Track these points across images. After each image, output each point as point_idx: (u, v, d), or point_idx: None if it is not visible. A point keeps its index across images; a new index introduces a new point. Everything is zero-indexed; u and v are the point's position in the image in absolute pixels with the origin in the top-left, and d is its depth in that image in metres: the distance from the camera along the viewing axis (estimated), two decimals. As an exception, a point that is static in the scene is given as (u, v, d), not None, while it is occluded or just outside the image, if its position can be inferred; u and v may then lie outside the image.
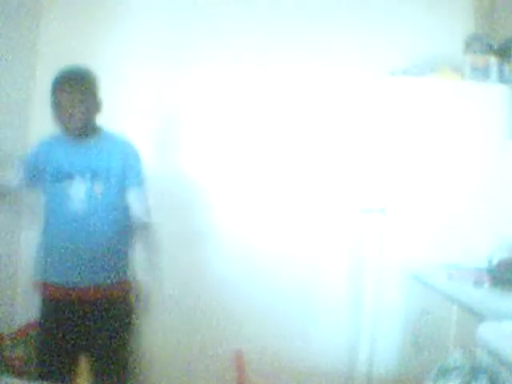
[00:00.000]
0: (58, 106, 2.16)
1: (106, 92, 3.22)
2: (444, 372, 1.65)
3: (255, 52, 3.23)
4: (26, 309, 3.18)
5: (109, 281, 2.21)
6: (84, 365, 2.27)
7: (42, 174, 2.23)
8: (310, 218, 3.25)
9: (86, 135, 2.22)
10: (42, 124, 3.23)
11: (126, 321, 2.26)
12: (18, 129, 3.17)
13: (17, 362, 2.95)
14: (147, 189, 2.30)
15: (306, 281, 3.22)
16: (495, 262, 2.51)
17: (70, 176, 2.18)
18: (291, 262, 3.22)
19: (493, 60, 2.85)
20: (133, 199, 2.26)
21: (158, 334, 3.11)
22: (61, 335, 2.19)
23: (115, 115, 3.24)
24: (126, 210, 2.25)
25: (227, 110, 3.25)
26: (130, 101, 3.25)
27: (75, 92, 2.15)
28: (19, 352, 2.97)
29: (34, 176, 2.24)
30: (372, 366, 2.85)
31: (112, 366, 2.21)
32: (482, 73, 2.84)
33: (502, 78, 2.83)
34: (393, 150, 2.86)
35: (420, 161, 2.83)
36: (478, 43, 2.93)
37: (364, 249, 2.94)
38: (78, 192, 2.17)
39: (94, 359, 2.24)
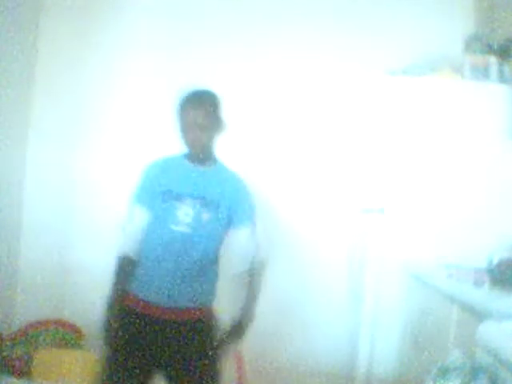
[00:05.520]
0: (185, 126, 2.17)
1: (105, 92, 3.27)
2: (444, 372, 1.65)
3: (254, 50, 3.23)
4: (26, 309, 3.20)
5: (195, 305, 2.20)
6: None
7: (155, 192, 2.20)
8: (310, 218, 3.26)
9: (205, 160, 2.23)
10: (41, 124, 3.27)
11: (205, 347, 2.22)
12: (17, 129, 3.18)
13: (17, 362, 2.95)
14: (259, 225, 2.28)
15: (306, 280, 3.23)
16: (495, 261, 2.50)
17: (180, 198, 2.16)
18: (291, 262, 3.22)
19: (493, 60, 2.85)
20: (245, 238, 2.25)
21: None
22: (137, 348, 2.15)
23: (113, 117, 3.27)
24: (223, 241, 2.25)
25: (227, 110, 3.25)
26: (129, 101, 3.26)
27: (205, 114, 2.16)
28: (19, 352, 2.97)
29: (147, 195, 2.22)
30: (372, 366, 2.85)
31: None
32: (482, 73, 2.84)
33: (502, 78, 2.82)
34: (393, 150, 2.86)
35: (420, 161, 2.83)
36: (478, 43, 2.93)
37: (364, 249, 2.94)
38: (186, 215, 2.15)
39: (167, 377, 2.20)
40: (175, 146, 2.24)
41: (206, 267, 2.23)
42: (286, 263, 3.22)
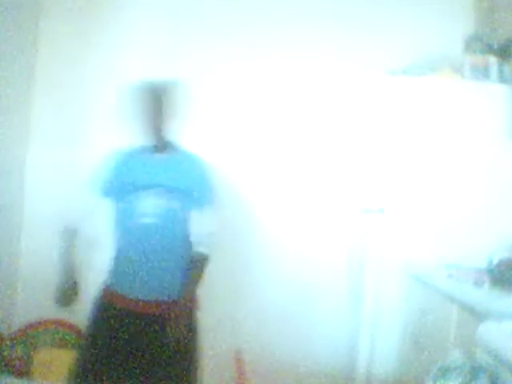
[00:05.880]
0: (145, 116, 2.20)
1: (105, 92, 3.27)
2: (444, 372, 1.65)
3: (254, 50, 3.23)
4: (26, 309, 3.20)
5: (170, 297, 2.19)
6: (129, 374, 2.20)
7: (117, 185, 2.22)
8: (310, 218, 3.25)
9: (166, 149, 2.25)
10: (41, 124, 3.27)
11: (184, 339, 2.18)
12: (17, 129, 3.18)
13: (17, 362, 2.95)
14: (214, 213, 2.27)
15: (306, 281, 3.22)
16: (495, 261, 2.51)
17: (144, 189, 2.17)
18: (291, 262, 3.22)
19: (493, 60, 2.85)
20: (195, 222, 2.23)
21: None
22: (115, 342, 2.16)
23: (113, 117, 3.26)
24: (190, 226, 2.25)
25: (226, 110, 3.25)
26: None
27: (163, 104, 2.20)
28: (19, 352, 2.97)
29: (110, 188, 2.24)
30: (372, 366, 2.85)
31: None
32: (482, 73, 2.84)
33: (502, 78, 2.83)
34: (392, 150, 2.86)
35: (419, 161, 2.83)
36: (478, 43, 2.94)
37: (364, 249, 2.94)
38: (152, 206, 2.16)
39: (143, 372, 2.18)
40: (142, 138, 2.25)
41: (179, 256, 2.22)
42: (286, 263, 3.23)
